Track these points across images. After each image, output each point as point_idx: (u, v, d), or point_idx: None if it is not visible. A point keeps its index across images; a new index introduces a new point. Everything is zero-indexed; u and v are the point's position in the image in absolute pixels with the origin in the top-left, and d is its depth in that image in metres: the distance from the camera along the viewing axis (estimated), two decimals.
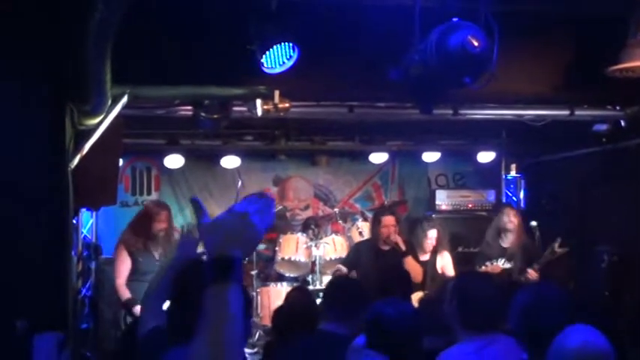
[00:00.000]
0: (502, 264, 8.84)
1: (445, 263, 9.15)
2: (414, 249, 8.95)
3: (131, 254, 8.29)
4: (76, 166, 5.85)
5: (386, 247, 8.78)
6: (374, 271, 8.14)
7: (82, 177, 5.98)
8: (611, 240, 9.52)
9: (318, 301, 7.31)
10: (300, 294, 6.53)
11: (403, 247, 8.66)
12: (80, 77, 5.04)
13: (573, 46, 6.46)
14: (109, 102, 5.67)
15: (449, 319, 4.33)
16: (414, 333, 4.08)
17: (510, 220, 9.04)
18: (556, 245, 8.50)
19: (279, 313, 6.25)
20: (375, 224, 9.06)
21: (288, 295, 6.49)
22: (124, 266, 8.28)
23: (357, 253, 9.23)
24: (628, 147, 9.08)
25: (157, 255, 8.38)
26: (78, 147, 5.86)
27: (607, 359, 3.18)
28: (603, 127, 8.86)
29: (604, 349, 3.19)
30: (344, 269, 8.95)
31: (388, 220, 8.84)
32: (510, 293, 4.27)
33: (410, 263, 8.53)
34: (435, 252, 9.08)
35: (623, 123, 8.38)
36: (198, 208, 2.28)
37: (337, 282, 6.21)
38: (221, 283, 2.11)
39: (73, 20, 4.64)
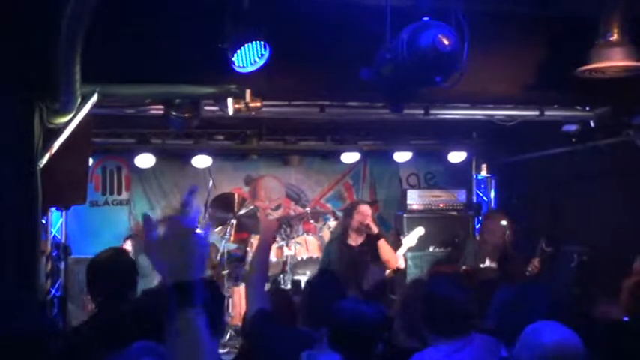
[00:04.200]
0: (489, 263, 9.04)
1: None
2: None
3: None
4: (45, 165, 5.79)
5: (356, 242, 8.72)
6: (342, 268, 8.08)
7: (51, 176, 5.93)
8: (581, 239, 9.59)
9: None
10: (278, 294, 6.54)
11: (375, 230, 8.57)
12: (49, 75, 5.00)
13: (543, 47, 6.49)
14: (79, 100, 5.62)
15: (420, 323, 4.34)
16: (370, 332, 4.07)
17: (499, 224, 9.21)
18: (543, 245, 8.70)
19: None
20: (349, 213, 8.84)
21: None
22: None
23: (328, 255, 9.21)
24: (597, 147, 9.15)
25: None
26: (47, 146, 5.80)
27: (580, 356, 3.21)
28: (573, 127, 8.92)
29: (577, 346, 3.21)
30: None
31: (364, 208, 8.72)
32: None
33: (383, 246, 8.45)
34: None
35: (592, 123, 8.43)
36: (148, 223, 2.25)
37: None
38: (187, 309, 2.13)
39: (43, 18, 4.61)
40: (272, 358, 4.62)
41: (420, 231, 9.80)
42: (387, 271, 8.56)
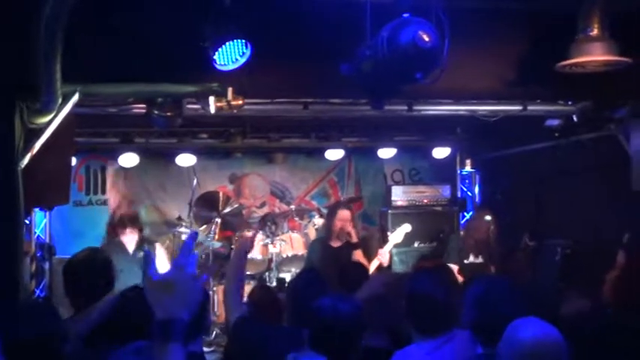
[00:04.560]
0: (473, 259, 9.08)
1: None
2: (368, 248, 9.01)
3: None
4: (27, 165, 5.77)
5: (337, 244, 8.78)
6: (324, 269, 8.11)
7: (33, 176, 5.90)
8: (564, 234, 9.64)
9: None
10: (263, 292, 6.54)
11: (355, 239, 8.68)
12: (29, 75, 4.97)
13: (525, 42, 6.50)
14: (60, 100, 5.59)
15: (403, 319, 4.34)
16: (351, 329, 4.07)
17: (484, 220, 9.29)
18: (527, 239, 8.73)
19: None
20: (330, 217, 9.05)
21: (252, 293, 6.49)
22: None
23: (310, 254, 9.24)
24: (580, 142, 9.18)
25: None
26: (28, 146, 5.77)
27: (560, 352, 3.21)
28: (555, 122, 8.95)
29: (557, 342, 3.22)
30: None
31: (344, 214, 8.86)
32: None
33: (358, 256, 8.54)
34: None
35: (575, 118, 8.46)
36: (148, 260, 2.38)
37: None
38: (164, 344, 2.26)
39: (22, 16, 4.58)
40: (258, 357, 4.63)
41: (406, 227, 9.82)
42: (372, 269, 8.58)
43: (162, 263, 8.43)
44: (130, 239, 9.06)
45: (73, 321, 4.66)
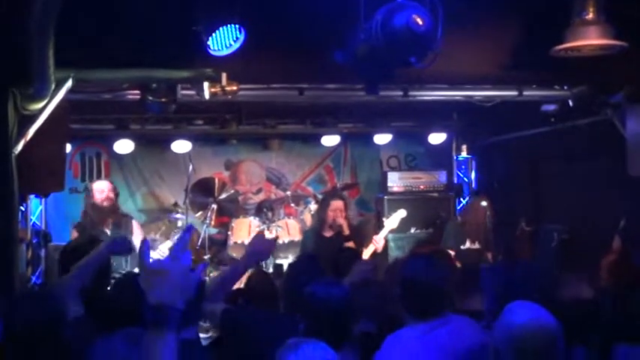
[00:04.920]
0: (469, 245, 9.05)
1: None
2: (361, 238, 8.99)
3: (80, 234, 8.08)
4: (21, 151, 5.76)
5: (329, 234, 8.76)
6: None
7: (27, 163, 5.90)
8: (561, 219, 9.64)
9: None
10: (260, 277, 6.53)
11: (347, 231, 8.65)
12: (22, 60, 4.94)
13: (520, 26, 6.48)
14: (53, 86, 5.57)
15: (396, 303, 4.34)
16: (342, 313, 4.07)
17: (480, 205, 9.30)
18: (523, 224, 8.72)
19: (237, 295, 6.23)
20: (323, 207, 9.02)
21: (249, 279, 6.49)
22: None
23: (304, 244, 9.22)
24: (577, 126, 9.17)
25: (107, 231, 8.29)
26: (22, 132, 5.76)
27: (554, 336, 3.21)
28: (551, 107, 8.93)
29: (551, 326, 3.21)
30: None
31: (336, 204, 8.82)
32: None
33: None
34: None
35: (570, 103, 8.45)
36: (143, 248, 2.32)
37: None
38: (157, 332, 2.23)
39: (15, 2, 4.55)
40: (252, 342, 4.62)
41: (401, 213, 9.80)
42: (367, 255, 8.57)
43: (137, 238, 8.35)
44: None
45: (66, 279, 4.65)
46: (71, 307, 4.17)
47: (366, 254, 8.62)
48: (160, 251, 8.39)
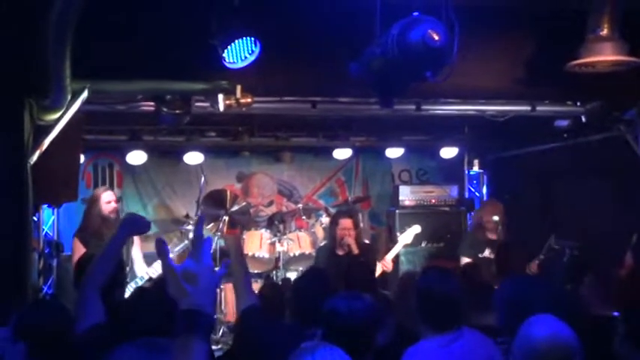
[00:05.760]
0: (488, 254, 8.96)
1: None
2: (373, 254, 8.99)
3: (85, 244, 7.92)
4: (36, 161, 5.79)
5: (341, 252, 8.74)
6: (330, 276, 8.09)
7: (42, 173, 5.93)
8: (572, 234, 9.61)
9: None
10: (272, 288, 6.56)
11: (356, 251, 8.61)
12: (39, 71, 4.99)
13: (534, 42, 6.50)
14: (69, 97, 5.61)
15: (414, 315, 4.35)
16: (367, 327, 4.06)
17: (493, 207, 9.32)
18: (552, 241, 8.66)
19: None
20: (333, 226, 9.00)
21: (262, 288, 6.51)
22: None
23: (317, 260, 9.21)
24: (589, 142, 9.16)
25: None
26: (37, 142, 5.80)
27: (572, 351, 3.21)
28: (564, 122, 8.93)
29: (570, 341, 3.21)
30: None
31: (345, 222, 8.77)
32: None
33: None
34: None
35: (583, 119, 8.44)
36: (162, 248, 2.28)
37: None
38: (189, 336, 2.18)
39: (32, 14, 4.59)
40: (263, 350, 4.62)
41: (416, 229, 9.83)
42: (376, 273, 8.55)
43: (136, 247, 8.39)
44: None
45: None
46: (91, 308, 4.16)
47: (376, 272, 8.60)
48: (154, 269, 8.31)
